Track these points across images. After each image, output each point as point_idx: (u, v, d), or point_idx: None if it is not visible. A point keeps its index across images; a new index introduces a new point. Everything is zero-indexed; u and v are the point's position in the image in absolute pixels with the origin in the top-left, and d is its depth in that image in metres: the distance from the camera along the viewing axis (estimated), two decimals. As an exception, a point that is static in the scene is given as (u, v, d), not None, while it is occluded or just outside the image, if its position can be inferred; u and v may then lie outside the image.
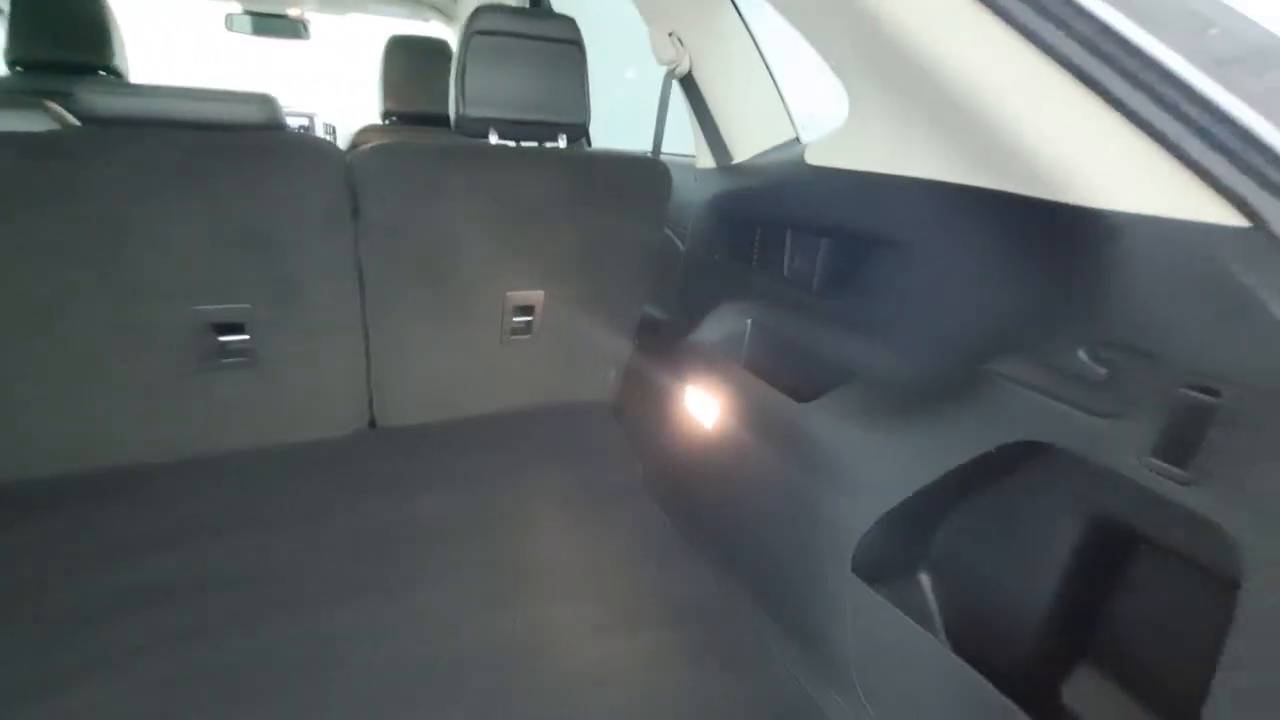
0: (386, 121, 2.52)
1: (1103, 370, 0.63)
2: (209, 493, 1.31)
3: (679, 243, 1.66)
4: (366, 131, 2.45)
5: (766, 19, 1.24)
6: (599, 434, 1.71)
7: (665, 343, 1.58)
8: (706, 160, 1.54)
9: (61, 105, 1.41)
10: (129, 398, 1.23)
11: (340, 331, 1.35)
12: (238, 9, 2.94)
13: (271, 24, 2.99)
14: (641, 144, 1.67)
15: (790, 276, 1.27)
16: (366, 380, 1.45)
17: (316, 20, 3.07)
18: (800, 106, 1.41)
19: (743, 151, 1.45)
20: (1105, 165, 0.59)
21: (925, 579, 0.96)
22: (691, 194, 1.58)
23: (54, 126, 1.32)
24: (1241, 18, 0.60)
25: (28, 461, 1.23)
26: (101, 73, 2.09)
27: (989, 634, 0.85)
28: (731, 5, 1.40)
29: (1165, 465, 0.58)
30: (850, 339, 1.09)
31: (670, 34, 1.46)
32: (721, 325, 1.43)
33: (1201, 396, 0.54)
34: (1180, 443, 0.56)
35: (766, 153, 1.41)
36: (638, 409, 1.68)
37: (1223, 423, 0.53)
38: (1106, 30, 0.55)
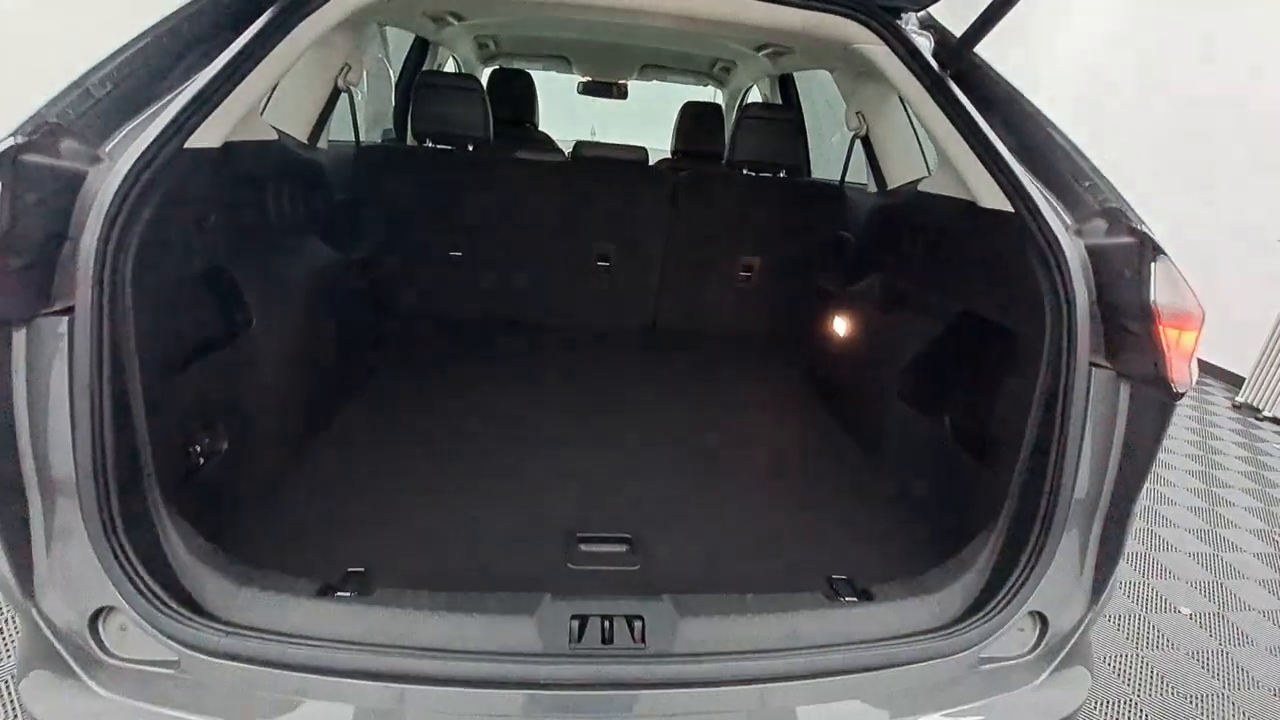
0: (674, 156, 3.81)
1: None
2: (572, 341, 2.60)
3: (851, 238, 2.62)
4: (662, 161, 3.75)
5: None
6: (782, 354, 2.72)
7: (834, 299, 2.54)
8: (872, 187, 2.51)
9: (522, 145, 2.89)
10: (554, 283, 2.58)
11: (649, 269, 2.58)
12: (587, 78, 4.61)
13: (605, 88, 4.61)
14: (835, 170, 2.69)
15: (905, 255, 2.19)
16: (657, 297, 2.66)
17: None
18: (932, 157, 2.32)
19: (894, 182, 2.40)
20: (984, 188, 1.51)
21: None
22: (862, 208, 2.55)
23: (565, 159, 2.74)
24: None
25: (476, 309, 2.58)
26: (528, 125, 3.67)
27: None
28: (898, 100, 2.35)
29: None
30: (922, 277, 2.00)
31: (858, 112, 2.46)
32: (869, 285, 2.36)
33: None
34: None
35: (908, 184, 2.34)
36: (812, 338, 2.65)
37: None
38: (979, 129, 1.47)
